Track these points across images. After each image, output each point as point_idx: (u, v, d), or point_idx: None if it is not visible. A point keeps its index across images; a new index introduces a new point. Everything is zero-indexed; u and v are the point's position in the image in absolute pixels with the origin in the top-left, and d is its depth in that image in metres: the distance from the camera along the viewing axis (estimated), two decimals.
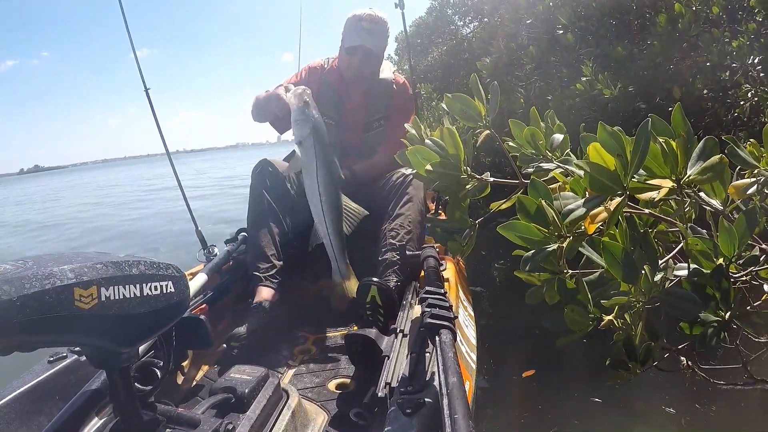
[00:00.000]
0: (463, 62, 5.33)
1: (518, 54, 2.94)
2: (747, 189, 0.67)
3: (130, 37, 1.88)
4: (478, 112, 0.71)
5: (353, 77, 1.77)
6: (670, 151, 0.55)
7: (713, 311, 0.63)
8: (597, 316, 0.60)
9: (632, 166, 0.48)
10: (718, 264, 0.63)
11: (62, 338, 0.51)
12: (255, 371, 0.88)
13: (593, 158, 0.47)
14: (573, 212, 0.50)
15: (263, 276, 1.52)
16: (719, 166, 0.55)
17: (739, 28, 2.11)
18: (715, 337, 0.64)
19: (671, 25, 2.18)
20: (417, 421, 0.70)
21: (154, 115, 1.92)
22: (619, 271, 0.52)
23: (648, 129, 0.48)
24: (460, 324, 1.17)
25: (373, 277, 1.30)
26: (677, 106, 0.57)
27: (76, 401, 0.78)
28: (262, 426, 0.80)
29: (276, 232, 1.60)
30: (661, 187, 0.57)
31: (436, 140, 0.65)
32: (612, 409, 1.58)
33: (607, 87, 2.28)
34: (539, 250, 0.52)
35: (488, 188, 0.73)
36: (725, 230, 0.61)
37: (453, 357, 0.74)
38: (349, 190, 1.73)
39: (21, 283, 0.45)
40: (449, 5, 6.42)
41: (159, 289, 0.57)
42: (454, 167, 0.63)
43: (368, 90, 1.80)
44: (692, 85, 2.21)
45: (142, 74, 1.91)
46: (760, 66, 1.99)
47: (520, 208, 0.53)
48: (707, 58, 2.13)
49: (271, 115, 1.61)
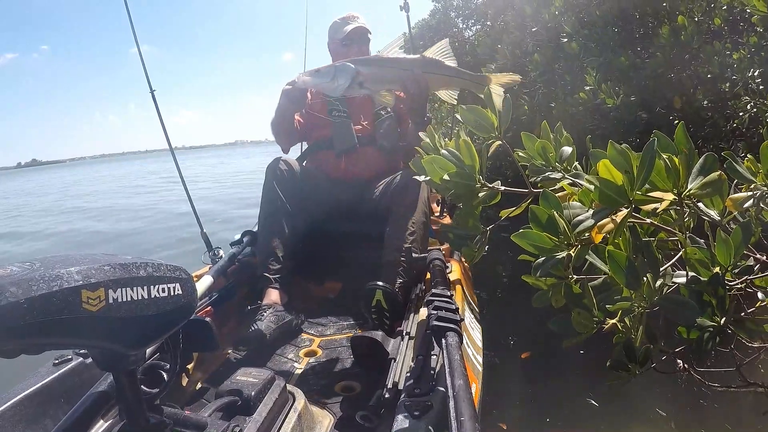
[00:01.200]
0: (465, 65, 5.36)
1: (523, 61, 2.98)
2: (744, 203, 0.71)
3: (136, 39, 1.88)
4: (492, 123, 0.75)
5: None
6: (672, 167, 0.59)
7: (709, 317, 0.67)
8: (601, 320, 0.63)
9: (638, 181, 0.52)
10: (714, 272, 0.67)
11: (69, 341, 0.50)
12: (261, 374, 0.88)
13: (603, 174, 0.51)
14: (582, 223, 0.54)
15: (273, 278, 1.52)
16: (718, 183, 0.59)
17: (741, 41, 2.16)
18: (710, 341, 0.68)
19: (674, 36, 2.22)
20: (424, 423, 0.70)
21: (160, 117, 1.94)
22: (622, 277, 0.56)
23: (654, 147, 0.52)
24: (467, 326, 1.17)
25: (378, 281, 1.31)
26: (680, 125, 0.61)
27: (82, 404, 0.78)
28: (268, 428, 0.80)
29: (286, 233, 1.61)
30: (663, 199, 0.61)
31: (452, 151, 0.69)
32: (612, 409, 1.62)
33: (609, 96, 2.32)
34: (549, 258, 0.56)
35: (499, 196, 0.77)
36: (722, 241, 0.65)
37: (459, 359, 0.75)
38: (357, 189, 1.77)
39: (28, 284, 0.44)
40: (452, 8, 6.45)
41: (167, 291, 0.56)
42: (469, 177, 0.67)
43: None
44: (693, 96, 2.25)
45: (147, 76, 1.92)
46: (759, 79, 2.04)
47: (532, 218, 0.57)
48: (708, 69, 2.17)
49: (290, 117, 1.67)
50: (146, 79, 1.92)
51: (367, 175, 1.80)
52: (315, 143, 1.88)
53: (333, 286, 1.80)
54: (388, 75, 1.45)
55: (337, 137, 1.77)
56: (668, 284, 0.70)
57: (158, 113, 1.94)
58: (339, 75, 1.37)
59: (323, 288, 1.80)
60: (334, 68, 1.39)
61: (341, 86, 1.38)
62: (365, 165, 1.80)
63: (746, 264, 0.71)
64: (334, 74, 1.37)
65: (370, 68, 1.42)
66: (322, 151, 1.84)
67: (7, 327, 0.43)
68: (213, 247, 1.79)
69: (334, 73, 1.37)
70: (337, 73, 1.37)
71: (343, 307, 1.66)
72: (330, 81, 1.38)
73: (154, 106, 1.94)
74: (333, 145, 1.78)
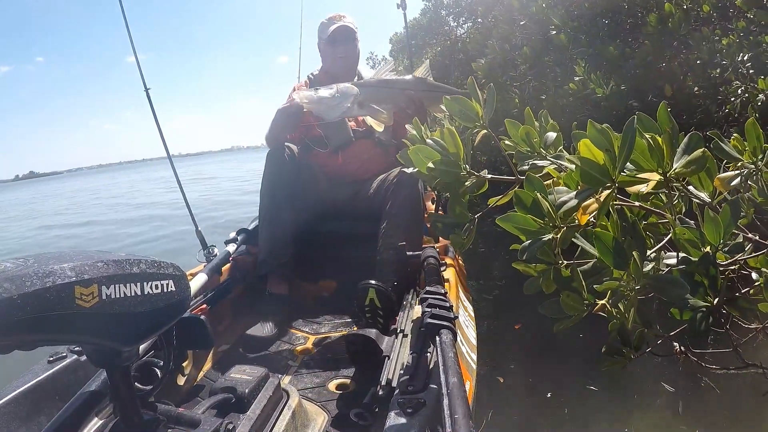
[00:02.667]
0: (457, 62, 5.38)
1: (512, 54, 2.99)
2: (731, 181, 0.71)
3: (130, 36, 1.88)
4: (476, 112, 0.75)
5: (343, 67, 1.81)
6: (656, 147, 0.59)
7: (702, 297, 0.67)
8: (591, 302, 0.63)
9: (620, 159, 0.52)
10: (705, 252, 0.67)
11: (63, 337, 0.50)
12: (255, 371, 0.88)
13: (584, 153, 0.51)
14: (566, 204, 0.53)
15: (278, 268, 1.53)
16: (702, 160, 0.58)
17: (730, 26, 2.16)
18: (703, 321, 0.68)
19: (662, 24, 2.23)
20: (417, 421, 0.70)
21: (155, 115, 1.93)
22: (610, 258, 0.56)
23: (634, 125, 0.52)
24: (461, 324, 1.17)
25: (371, 280, 1.31)
26: (662, 104, 0.61)
27: (76, 401, 0.78)
28: (262, 426, 0.81)
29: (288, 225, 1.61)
30: (649, 180, 0.61)
31: (437, 140, 0.69)
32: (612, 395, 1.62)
33: (599, 86, 2.33)
34: (535, 240, 0.56)
35: (486, 185, 0.76)
36: (711, 220, 0.65)
37: (453, 357, 0.75)
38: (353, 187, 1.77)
39: (21, 280, 0.44)
40: (443, 6, 6.47)
41: (160, 287, 0.57)
42: (454, 165, 0.67)
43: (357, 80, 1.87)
44: (683, 83, 2.25)
45: (142, 74, 1.91)
46: (749, 63, 2.04)
47: (517, 201, 0.57)
48: (698, 56, 2.17)
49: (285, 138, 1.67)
50: (140, 77, 1.90)
51: (363, 169, 1.80)
52: (311, 140, 1.88)
53: (328, 285, 1.81)
54: (386, 96, 1.49)
55: (332, 133, 1.77)
56: (660, 268, 0.70)
57: (153, 112, 1.92)
58: (340, 97, 1.40)
59: (318, 286, 1.81)
60: (335, 90, 1.41)
61: (340, 110, 1.41)
62: (362, 159, 1.80)
63: (737, 242, 0.70)
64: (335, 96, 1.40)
65: (368, 90, 1.45)
66: (318, 147, 1.84)
67: (1, 323, 0.43)
68: (208, 246, 1.79)
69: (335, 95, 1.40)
70: (338, 95, 1.40)
71: (337, 305, 1.67)
72: (329, 106, 1.41)
73: (149, 106, 1.92)
74: (328, 142, 1.78)
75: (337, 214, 1.79)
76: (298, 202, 1.65)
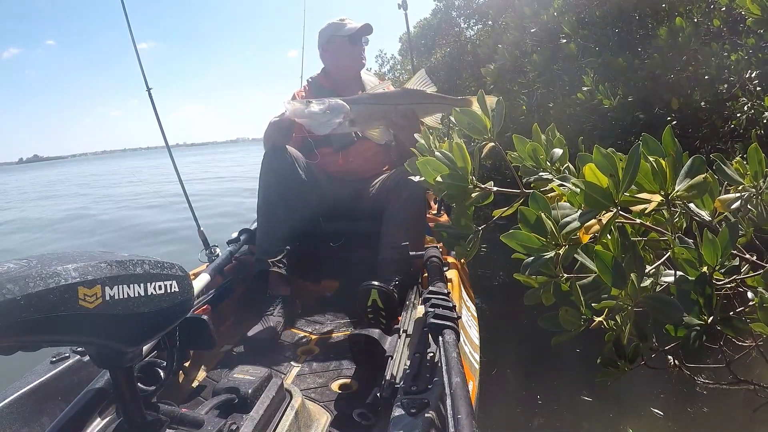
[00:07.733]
0: (466, 64, 5.38)
1: (522, 61, 2.99)
2: (732, 204, 0.73)
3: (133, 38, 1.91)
4: (485, 125, 0.77)
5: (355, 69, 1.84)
6: (659, 170, 0.61)
7: (696, 315, 0.69)
8: (589, 318, 0.65)
9: (623, 184, 0.53)
10: (702, 272, 0.69)
11: (66, 337, 0.50)
12: (258, 371, 0.88)
13: (589, 177, 0.53)
14: (569, 224, 0.55)
15: (277, 268, 1.53)
16: (704, 185, 0.60)
17: (739, 42, 2.16)
18: (697, 339, 0.70)
19: (672, 37, 2.23)
20: (420, 421, 0.70)
21: (157, 116, 1.96)
22: (609, 276, 0.58)
23: (639, 151, 0.53)
24: (464, 324, 1.17)
25: (373, 280, 1.31)
26: (667, 129, 0.63)
27: (79, 401, 0.78)
28: (265, 426, 0.81)
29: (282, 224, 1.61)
30: (651, 201, 0.63)
31: (445, 153, 0.71)
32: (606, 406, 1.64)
33: (607, 97, 2.33)
34: (538, 257, 0.58)
35: (492, 196, 0.78)
36: (709, 241, 0.67)
37: (456, 357, 0.75)
38: (355, 186, 1.78)
39: (25, 281, 0.44)
40: (454, 7, 6.46)
41: (163, 288, 0.56)
42: (461, 179, 0.69)
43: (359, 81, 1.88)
44: (690, 97, 2.26)
45: (144, 75, 1.94)
46: (756, 80, 2.05)
47: (521, 219, 0.59)
48: (706, 70, 2.18)
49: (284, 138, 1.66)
50: (143, 78, 1.94)
51: (365, 169, 1.81)
52: (313, 140, 1.89)
53: (330, 285, 1.81)
54: (377, 112, 1.48)
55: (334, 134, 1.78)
56: (659, 283, 0.72)
57: (155, 112, 1.95)
58: (331, 114, 1.38)
59: (320, 286, 1.81)
60: (326, 106, 1.39)
61: (330, 127, 1.39)
62: (364, 159, 1.81)
63: (732, 264, 0.72)
64: (325, 112, 1.38)
65: (360, 108, 1.44)
66: (320, 148, 1.85)
67: (4, 324, 0.43)
68: (210, 245, 1.79)
69: (325, 112, 1.38)
70: (329, 111, 1.38)
71: (340, 305, 1.67)
72: (319, 122, 1.39)
73: (152, 107, 1.96)
74: (330, 142, 1.79)
75: (338, 213, 1.79)
76: (295, 201, 1.65)
